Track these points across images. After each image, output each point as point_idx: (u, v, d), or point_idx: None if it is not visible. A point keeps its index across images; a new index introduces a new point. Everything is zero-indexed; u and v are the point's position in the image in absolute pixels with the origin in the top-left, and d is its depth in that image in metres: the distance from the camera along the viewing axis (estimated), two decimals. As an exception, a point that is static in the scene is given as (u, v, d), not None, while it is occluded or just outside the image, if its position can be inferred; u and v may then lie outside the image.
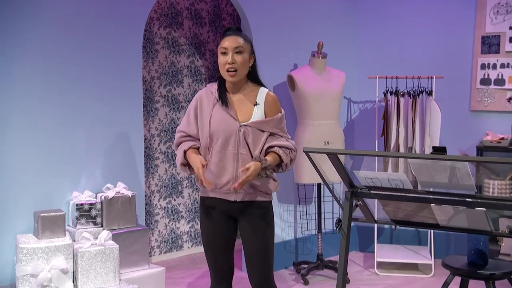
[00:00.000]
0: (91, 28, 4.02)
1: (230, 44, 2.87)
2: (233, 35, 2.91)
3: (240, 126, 2.89)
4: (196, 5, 5.57)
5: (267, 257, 2.98)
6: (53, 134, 3.88)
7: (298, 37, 5.16)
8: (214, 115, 2.92)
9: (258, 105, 2.92)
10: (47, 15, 3.82)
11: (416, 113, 4.97)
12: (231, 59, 2.86)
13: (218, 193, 2.96)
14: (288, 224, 5.24)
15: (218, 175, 2.92)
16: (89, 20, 4.01)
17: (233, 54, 2.86)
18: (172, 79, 5.44)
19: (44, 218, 3.55)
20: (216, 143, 2.91)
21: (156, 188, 5.38)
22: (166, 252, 5.49)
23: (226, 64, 2.88)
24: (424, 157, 2.34)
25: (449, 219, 2.69)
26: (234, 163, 2.89)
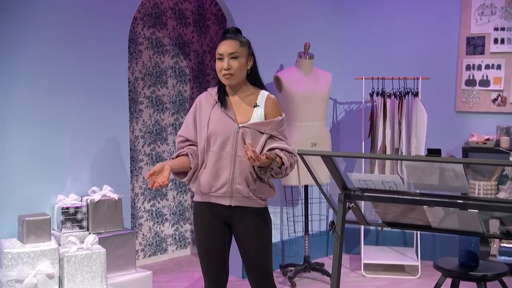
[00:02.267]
0: (76, 29, 3.95)
1: (225, 50, 2.85)
2: (230, 39, 2.88)
3: (238, 128, 2.85)
4: (180, 5, 5.51)
5: (266, 264, 2.95)
6: (37, 136, 3.80)
7: (284, 37, 5.14)
8: (212, 117, 2.89)
9: (258, 107, 2.89)
10: (30, 16, 3.74)
11: (403, 114, 4.97)
12: (226, 65, 2.84)
13: (213, 197, 2.91)
14: (275, 227, 5.20)
15: (215, 177, 2.87)
16: (74, 20, 3.94)
17: (229, 59, 2.84)
18: (156, 80, 5.37)
19: (29, 222, 3.47)
20: (214, 144, 2.87)
21: (140, 191, 5.32)
22: (151, 255, 5.42)
23: (222, 69, 2.85)
24: (419, 160, 2.33)
25: (440, 221, 2.68)
26: (231, 165, 2.85)
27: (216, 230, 2.95)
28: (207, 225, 2.96)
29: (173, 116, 5.51)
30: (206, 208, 2.95)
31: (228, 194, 2.87)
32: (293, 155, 2.84)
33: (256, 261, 2.93)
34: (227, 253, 3.01)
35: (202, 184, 2.90)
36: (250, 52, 2.93)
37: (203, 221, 2.97)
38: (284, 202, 5.20)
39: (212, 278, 3.00)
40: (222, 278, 3.02)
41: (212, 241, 2.95)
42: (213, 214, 2.94)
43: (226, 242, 2.99)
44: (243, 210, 2.90)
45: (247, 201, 2.89)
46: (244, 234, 2.92)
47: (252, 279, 2.98)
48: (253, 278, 2.97)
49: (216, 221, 2.95)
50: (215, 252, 2.96)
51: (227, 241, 2.99)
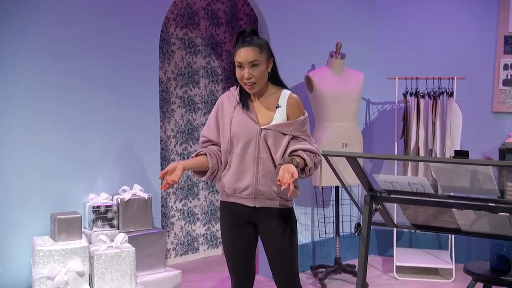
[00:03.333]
0: (107, 30, 3.99)
1: (245, 59, 2.76)
2: (248, 45, 2.77)
3: (260, 129, 2.84)
4: (213, 5, 5.53)
5: (292, 266, 2.92)
6: (69, 136, 3.86)
7: (316, 37, 5.10)
8: (234, 118, 2.88)
9: (279, 108, 2.85)
10: (62, 16, 3.81)
11: (437, 115, 4.88)
12: (247, 75, 2.78)
13: (238, 198, 2.91)
14: (306, 227, 5.18)
15: (238, 179, 2.87)
16: (105, 22, 3.99)
17: (249, 68, 2.78)
18: (188, 80, 5.40)
19: (61, 220, 3.53)
20: (237, 146, 2.86)
21: (172, 190, 5.35)
22: (182, 254, 5.45)
23: (243, 78, 2.80)
24: (445, 161, 2.27)
25: (471, 224, 2.62)
26: (254, 167, 2.84)
27: (242, 230, 2.95)
28: (232, 225, 2.96)
29: (205, 116, 5.53)
30: (231, 208, 2.95)
31: (252, 196, 2.86)
32: (316, 154, 2.81)
33: (280, 262, 2.91)
34: (253, 253, 3.00)
35: (226, 186, 2.91)
36: (270, 54, 2.86)
37: (229, 221, 2.97)
38: (315, 203, 5.17)
39: (238, 278, 3.01)
40: (249, 278, 3.01)
41: (237, 241, 2.95)
42: (238, 214, 2.94)
43: (252, 242, 2.98)
44: (267, 211, 2.89)
45: (271, 202, 2.88)
46: (268, 234, 2.91)
47: (277, 280, 2.96)
48: (278, 279, 2.95)
49: (241, 221, 2.94)
50: (240, 252, 2.96)
51: (252, 241, 2.98)
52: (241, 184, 2.86)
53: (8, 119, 3.62)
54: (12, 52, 3.61)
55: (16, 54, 3.63)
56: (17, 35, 3.63)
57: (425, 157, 2.12)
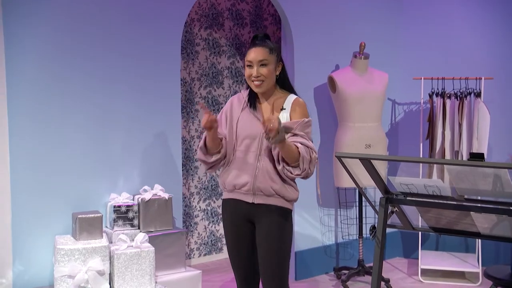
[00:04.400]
0: (129, 30, 4.03)
1: (254, 57, 2.89)
2: (259, 46, 2.91)
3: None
4: (237, 6, 5.53)
5: (280, 264, 2.91)
6: (91, 136, 3.91)
7: (340, 37, 5.06)
8: (241, 118, 2.98)
9: (284, 110, 2.93)
10: (85, 17, 3.85)
11: (463, 116, 4.79)
12: (256, 73, 2.88)
13: (237, 193, 2.97)
14: (329, 229, 5.14)
15: (238, 175, 2.93)
16: (127, 22, 4.02)
17: (258, 67, 2.88)
18: (212, 80, 5.42)
19: (82, 219, 3.57)
20: (240, 144, 2.95)
21: (195, 190, 5.37)
22: (206, 254, 5.47)
23: (251, 76, 2.91)
24: (460, 164, 2.23)
25: (491, 228, 2.56)
26: (255, 163, 2.90)
27: (242, 228, 2.99)
28: (233, 221, 3.00)
29: (229, 117, 5.53)
30: (232, 204, 3.00)
31: (251, 192, 2.91)
32: (313, 151, 2.83)
33: (270, 261, 2.89)
34: (255, 252, 3.01)
35: (226, 182, 2.98)
36: (279, 58, 2.98)
37: (230, 218, 3.02)
38: (338, 204, 5.13)
39: (242, 278, 3.04)
40: (253, 277, 3.04)
41: (239, 238, 3.00)
42: (238, 211, 2.98)
43: (253, 241, 3.00)
44: (266, 208, 2.92)
45: (269, 199, 2.91)
46: (263, 231, 2.92)
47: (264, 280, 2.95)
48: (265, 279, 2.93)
49: (241, 219, 2.98)
50: (242, 251, 3.00)
51: (253, 239, 3.00)
52: (240, 180, 2.92)
53: (33, 118, 3.68)
54: (37, 51, 3.67)
55: (41, 53, 3.69)
56: (40, 33, 3.68)
57: (440, 160, 2.08)
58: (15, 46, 3.59)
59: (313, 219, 5.04)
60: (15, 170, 3.61)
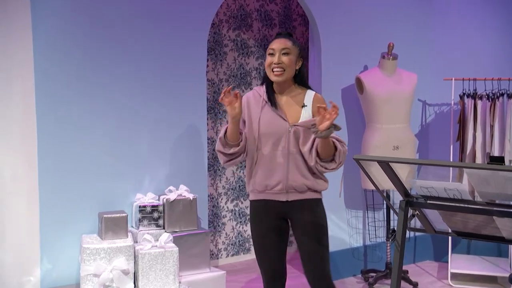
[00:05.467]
0: (156, 31, 4.07)
1: (277, 46, 2.92)
2: (282, 37, 2.96)
3: (290, 127, 2.91)
4: (266, 6, 5.53)
5: (324, 256, 2.96)
6: (118, 136, 3.96)
7: (368, 38, 5.01)
8: (263, 117, 2.94)
9: (305, 107, 2.94)
10: (112, 19, 3.90)
11: (495, 117, 4.69)
12: (277, 59, 2.89)
13: (269, 194, 2.96)
14: (357, 231, 5.09)
15: (269, 175, 2.93)
16: (153, 23, 4.06)
17: (280, 54, 2.89)
18: (240, 81, 5.43)
19: (107, 219, 3.62)
20: (266, 144, 2.92)
21: (223, 191, 5.39)
22: (233, 255, 5.48)
23: (272, 64, 2.90)
24: (478, 167, 2.18)
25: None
26: (285, 162, 2.90)
27: (273, 228, 2.99)
28: (264, 222, 3.00)
29: (257, 118, 5.54)
30: (263, 206, 2.99)
31: (284, 191, 2.92)
32: (344, 144, 2.91)
33: (313, 253, 2.94)
34: (284, 251, 3.04)
35: (257, 183, 2.96)
36: (301, 54, 2.98)
37: (260, 220, 3.01)
38: (365, 206, 5.08)
39: (270, 277, 3.04)
40: (281, 276, 3.04)
41: (269, 240, 2.99)
42: (269, 211, 2.98)
43: (284, 240, 3.03)
44: (299, 204, 2.95)
45: (302, 195, 2.94)
46: (301, 227, 2.95)
47: (308, 272, 2.99)
48: (309, 271, 2.98)
49: (273, 218, 2.99)
50: (272, 251, 3.00)
51: (284, 238, 3.03)
52: (272, 180, 2.92)
53: (60, 118, 3.74)
54: (64, 53, 3.74)
55: (68, 55, 3.75)
56: (68, 35, 3.75)
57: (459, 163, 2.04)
58: (43, 47, 3.66)
59: (340, 221, 5.01)
60: (43, 170, 3.68)
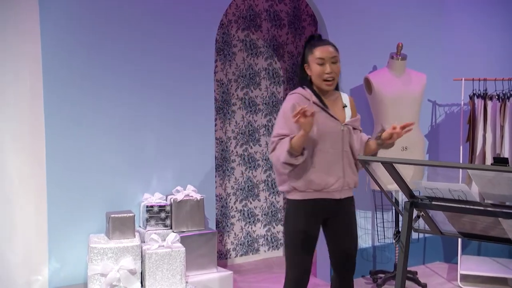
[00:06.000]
0: (163, 32, 4.08)
1: (327, 55, 2.99)
2: (326, 44, 3.04)
3: (342, 126, 3.04)
4: (275, 7, 5.53)
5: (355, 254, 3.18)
6: (126, 136, 3.97)
7: (377, 38, 4.99)
8: (317, 119, 2.97)
9: (346, 107, 3.11)
10: (119, 19, 3.92)
11: (506, 118, 4.65)
12: (329, 69, 2.98)
13: (325, 193, 3.04)
14: (366, 231, 5.08)
15: (328, 174, 3.01)
16: (161, 24, 4.07)
17: (330, 64, 2.99)
18: (249, 81, 5.43)
19: (115, 219, 3.64)
20: (323, 144, 2.99)
21: (232, 191, 5.40)
22: (242, 255, 5.49)
23: (324, 74, 2.98)
24: (483, 169, 2.16)
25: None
26: (341, 161, 3.02)
27: (317, 228, 3.10)
28: (309, 224, 3.06)
29: (266, 118, 5.54)
30: (311, 205, 3.05)
31: (340, 188, 3.04)
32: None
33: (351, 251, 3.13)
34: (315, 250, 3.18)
35: (315, 182, 3.00)
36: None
37: (305, 220, 3.05)
38: (374, 207, 5.06)
39: (302, 273, 3.10)
40: (307, 275, 3.12)
41: (312, 239, 3.08)
42: (320, 210, 3.07)
43: (317, 239, 3.14)
44: (347, 200, 3.12)
45: (350, 191, 3.13)
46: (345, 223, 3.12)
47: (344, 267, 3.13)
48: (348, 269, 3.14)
49: (319, 219, 3.10)
50: (311, 250, 3.09)
51: (317, 237, 3.14)
52: (331, 179, 3.00)
53: (68, 119, 3.77)
54: (72, 53, 3.76)
55: (75, 56, 3.77)
56: (75, 36, 3.77)
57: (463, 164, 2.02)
58: (51, 48, 3.68)
59: (349, 221, 4.99)
60: (51, 170, 3.71)
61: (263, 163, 5.55)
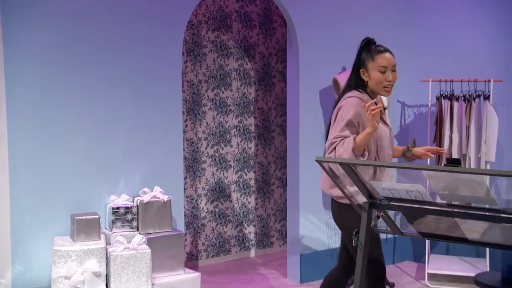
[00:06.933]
0: (132, 33, 4.06)
1: (389, 63, 3.05)
2: (388, 52, 3.08)
3: (390, 130, 3.15)
4: (246, 8, 5.53)
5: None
6: (92, 137, 3.95)
7: (347, 39, 5.01)
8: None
9: (386, 109, 3.29)
10: (84, 18, 3.89)
11: (471, 118, 4.71)
12: (391, 77, 3.05)
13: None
14: (336, 232, 5.10)
15: (386, 178, 3.05)
16: (130, 25, 4.05)
17: (391, 72, 3.06)
18: (220, 82, 5.42)
19: (79, 221, 3.61)
20: (382, 148, 3.04)
21: (203, 192, 5.39)
22: (213, 256, 5.48)
23: (384, 81, 3.04)
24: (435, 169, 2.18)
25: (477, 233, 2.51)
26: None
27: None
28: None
29: (237, 118, 5.54)
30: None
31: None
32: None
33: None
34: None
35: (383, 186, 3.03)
36: None
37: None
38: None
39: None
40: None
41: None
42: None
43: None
44: None
45: None
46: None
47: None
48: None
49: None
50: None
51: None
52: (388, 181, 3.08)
53: (32, 119, 3.73)
54: (36, 53, 3.72)
55: (40, 56, 3.74)
56: (39, 36, 3.73)
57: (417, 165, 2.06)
58: (14, 48, 3.64)
59: (319, 222, 5.01)
60: (14, 172, 3.67)
61: (234, 164, 5.55)
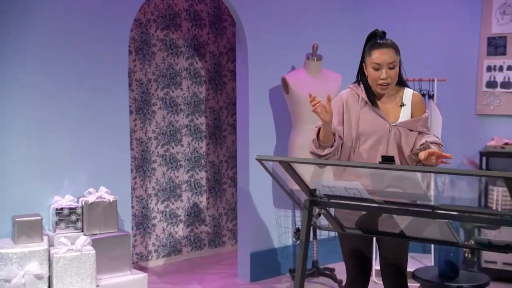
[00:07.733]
0: (76, 30, 3.99)
1: (384, 60, 2.84)
2: (385, 47, 2.87)
3: (390, 127, 2.88)
4: (196, 6, 5.51)
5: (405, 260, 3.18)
6: (35, 137, 3.86)
7: (295, 39, 5.04)
8: (362, 116, 2.89)
9: (404, 106, 2.91)
10: (30, 18, 3.81)
11: (417, 117, 4.79)
12: (385, 75, 2.84)
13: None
14: (286, 230, 5.13)
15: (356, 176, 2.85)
16: (74, 23, 3.98)
17: (386, 69, 2.85)
18: (170, 81, 5.39)
19: (20, 222, 3.54)
20: (364, 143, 2.87)
21: (153, 192, 5.34)
22: (164, 256, 5.44)
23: (378, 79, 2.85)
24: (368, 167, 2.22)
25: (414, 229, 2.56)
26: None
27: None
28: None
29: (188, 118, 5.51)
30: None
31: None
32: (441, 145, 2.84)
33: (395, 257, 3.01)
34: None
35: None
36: (400, 55, 2.92)
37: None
38: (293, 206, 5.12)
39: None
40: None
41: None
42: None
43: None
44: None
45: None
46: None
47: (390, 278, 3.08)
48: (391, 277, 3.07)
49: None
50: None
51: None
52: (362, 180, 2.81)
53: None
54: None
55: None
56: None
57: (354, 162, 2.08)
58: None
59: (269, 220, 5.03)
60: (-47, 173, 3.57)
61: (185, 163, 5.52)
